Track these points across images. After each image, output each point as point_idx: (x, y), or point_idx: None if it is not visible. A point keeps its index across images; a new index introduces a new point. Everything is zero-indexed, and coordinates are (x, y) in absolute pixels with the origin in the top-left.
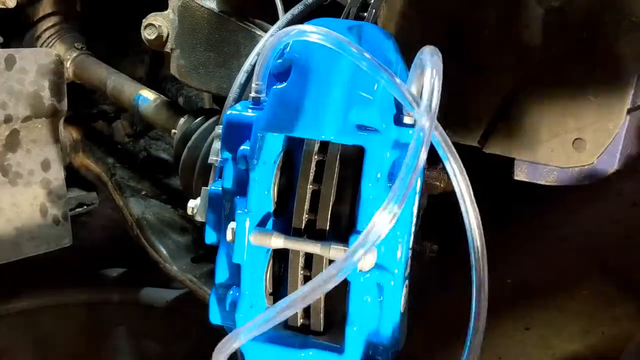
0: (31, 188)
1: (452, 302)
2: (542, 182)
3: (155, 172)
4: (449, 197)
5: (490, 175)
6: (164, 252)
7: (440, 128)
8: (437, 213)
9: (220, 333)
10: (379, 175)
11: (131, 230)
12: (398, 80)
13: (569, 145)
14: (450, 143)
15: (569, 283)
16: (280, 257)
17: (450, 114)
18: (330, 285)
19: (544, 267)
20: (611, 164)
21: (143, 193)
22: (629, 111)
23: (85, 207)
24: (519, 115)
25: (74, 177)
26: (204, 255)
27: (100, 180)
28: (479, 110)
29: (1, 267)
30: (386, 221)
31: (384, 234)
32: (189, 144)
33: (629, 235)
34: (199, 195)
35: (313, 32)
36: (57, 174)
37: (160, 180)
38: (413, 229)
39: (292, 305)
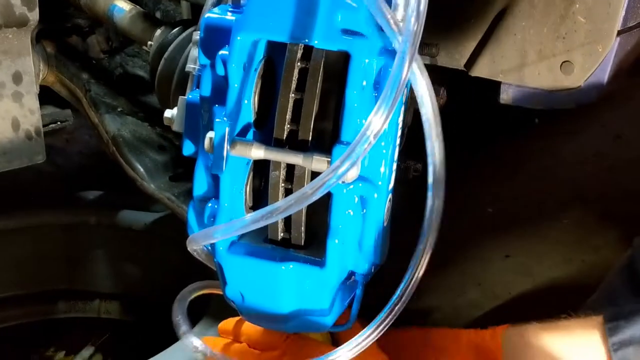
0: (2, 101)
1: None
2: (528, 106)
3: (131, 89)
4: None
5: (473, 104)
6: (141, 169)
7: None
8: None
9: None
10: (364, 83)
11: (107, 147)
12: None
13: (556, 68)
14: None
15: (549, 212)
16: (261, 171)
17: (436, 37)
18: (323, 191)
19: (525, 197)
20: (599, 88)
21: (119, 110)
22: (619, 33)
23: (59, 123)
24: (507, 38)
25: (47, 94)
26: (183, 174)
27: (75, 97)
28: (467, 32)
29: None
30: (380, 122)
31: (378, 135)
32: (166, 55)
33: (611, 167)
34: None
35: None
36: (29, 88)
37: (136, 98)
38: (398, 141)
39: (278, 211)
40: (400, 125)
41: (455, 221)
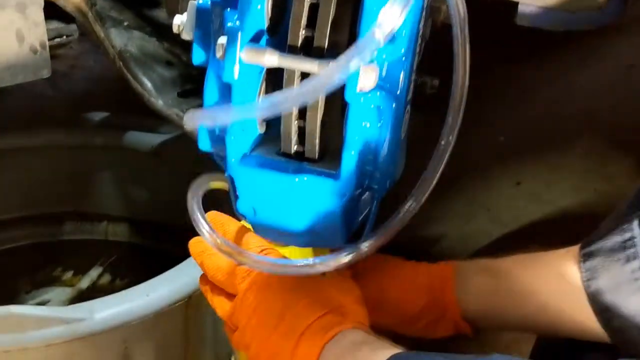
0: (5, 11)
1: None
2: (547, 28)
3: (137, 3)
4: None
5: (487, 30)
6: (149, 85)
7: None
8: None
9: None
10: None
11: (114, 63)
12: None
13: None
14: None
15: (562, 141)
16: (274, 82)
17: None
18: (332, 83)
19: (537, 125)
20: (620, 8)
21: (125, 24)
22: None
23: (64, 37)
24: None
25: (52, 10)
26: (191, 90)
27: (80, 11)
28: None
29: None
30: (397, 14)
31: (396, 28)
32: None
33: (626, 97)
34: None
35: None
36: None
37: (143, 12)
38: (418, 49)
39: (291, 95)
40: (421, 31)
41: (466, 148)
